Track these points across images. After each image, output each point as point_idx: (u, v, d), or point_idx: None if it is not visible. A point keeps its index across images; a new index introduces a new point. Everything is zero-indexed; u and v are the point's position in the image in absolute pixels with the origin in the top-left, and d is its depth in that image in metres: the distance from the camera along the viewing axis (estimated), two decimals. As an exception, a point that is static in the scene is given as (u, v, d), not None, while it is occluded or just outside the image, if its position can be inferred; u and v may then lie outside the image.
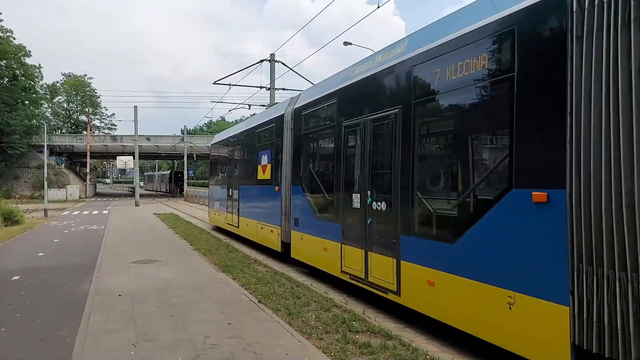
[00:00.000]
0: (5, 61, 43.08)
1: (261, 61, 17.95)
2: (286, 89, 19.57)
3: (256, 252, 11.37)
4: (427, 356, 4.46)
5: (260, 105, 21.80)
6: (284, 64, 18.24)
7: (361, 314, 5.89)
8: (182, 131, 57.58)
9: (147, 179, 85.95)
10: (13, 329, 5.42)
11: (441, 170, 5.34)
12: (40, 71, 50.07)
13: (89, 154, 48.84)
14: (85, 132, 52.17)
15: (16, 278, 8.20)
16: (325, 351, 4.56)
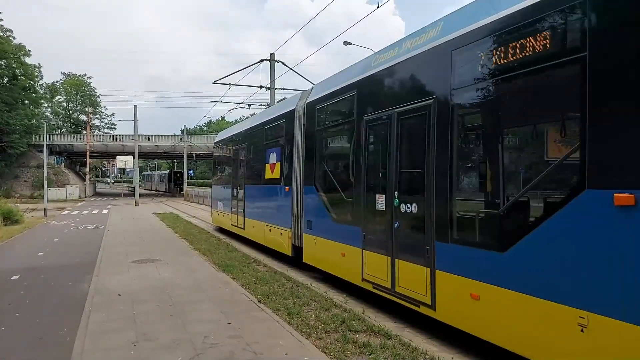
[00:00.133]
0: (5, 60, 43.00)
1: (261, 61, 17.96)
2: (286, 88, 19.64)
3: (256, 251, 11.37)
4: (427, 355, 4.46)
5: (260, 105, 21.85)
6: (284, 64, 18.26)
7: (361, 313, 5.90)
8: (182, 131, 57.49)
9: (146, 178, 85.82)
10: (13, 329, 5.43)
11: (488, 168, 4.64)
12: (40, 71, 50.05)
13: (88, 153, 48.82)
14: (85, 132, 52.13)
15: (16, 277, 8.21)
16: (325, 351, 4.57)
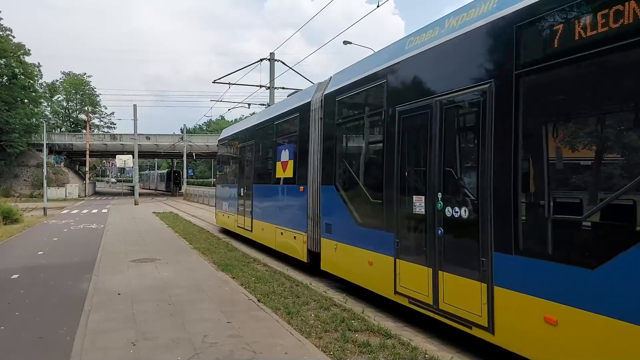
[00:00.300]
0: (4, 60, 43.05)
1: (261, 60, 17.96)
2: (286, 87, 19.62)
3: (256, 251, 11.37)
4: (426, 355, 4.47)
5: (260, 104, 21.81)
6: (284, 63, 18.28)
7: (360, 312, 5.90)
8: (182, 130, 57.51)
9: (145, 178, 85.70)
10: (12, 328, 5.42)
11: (569, 164, 3.97)
12: (40, 70, 50.17)
13: (88, 152, 48.84)
14: (85, 131, 52.16)
15: (15, 277, 8.20)
16: (325, 350, 4.57)
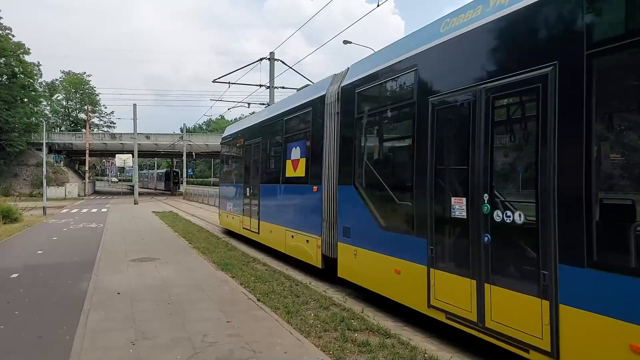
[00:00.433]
0: (4, 59, 43.05)
1: (260, 59, 17.98)
2: (285, 87, 19.70)
3: (255, 250, 11.38)
4: (426, 354, 4.48)
5: (260, 103, 21.84)
6: (284, 63, 18.31)
7: (360, 312, 5.91)
8: (181, 129, 57.58)
9: (144, 177, 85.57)
10: (12, 327, 5.42)
11: None
12: (40, 69, 50.22)
13: (88, 152, 48.83)
14: (84, 130, 52.14)
15: (15, 276, 8.20)
16: (324, 349, 4.58)
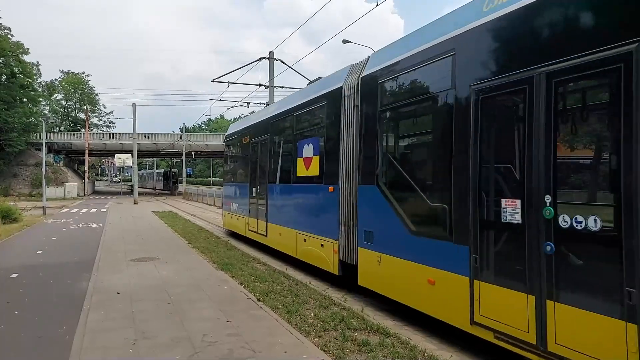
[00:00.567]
0: (3, 59, 42.99)
1: (260, 59, 17.99)
2: (285, 86, 19.69)
3: (255, 250, 11.38)
4: (425, 353, 4.48)
5: (259, 103, 21.81)
6: (283, 62, 18.31)
7: (360, 311, 5.91)
8: (181, 129, 57.47)
9: (143, 177, 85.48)
10: (11, 327, 5.41)
11: None
12: (39, 69, 50.17)
13: (87, 151, 48.75)
14: (84, 130, 52.07)
15: (14, 276, 8.19)
16: (324, 349, 4.58)
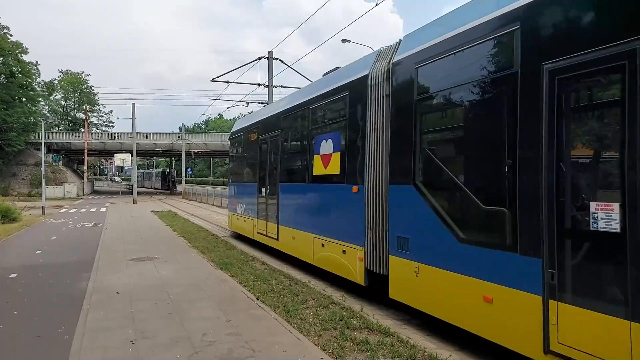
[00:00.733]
0: (2, 58, 42.92)
1: (259, 58, 17.98)
2: (284, 86, 19.69)
3: (254, 249, 11.38)
4: (425, 353, 4.48)
5: (259, 102, 21.79)
6: (282, 62, 18.30)
7: (359, 311, 5.91)
8: (180, 129, 57.44)
9: (143, 176, 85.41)
10: (11, 327, 5.41)
11: None
12: (38, 68, 50.11)
13: (86, 151, 48.71)
14: (83, 130, 52.02)
15: (14, 276, 8.19)
16: (324, 348, 4.58)
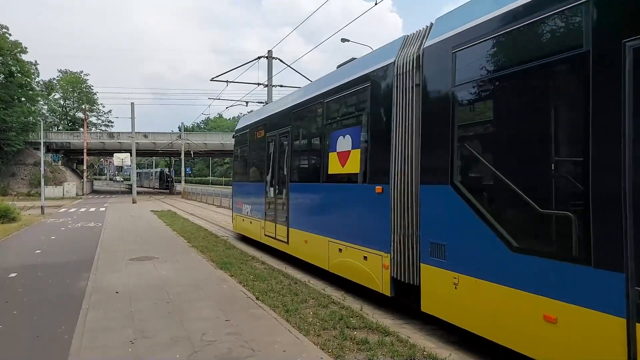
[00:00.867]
0: (1, 58, 42.86)
1: (258, 58, 17.98)
2: (284, 85, 19.71)
3: (253, 249, 11.38)
4: (425, 352, 4.48)
5: (258, 102, 21.78)
6: (282, 61, 18.31)
7: (359, 310, 5.91)
8: (180, 128, 57.42)
9: (142, 176, 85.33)
10: (10, 327, 5.41)
11: None
12: (37, 68, 50.00)
13: (85, 150, 48.65)
14: (82, 129, 51.97)
15: (13, 275, 8.18)
16: (323, 347, 4.58)
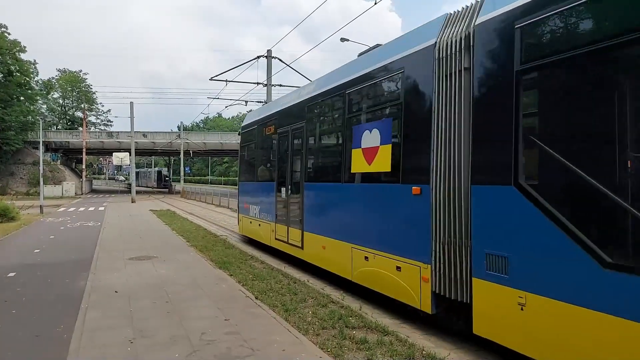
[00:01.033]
0: (-1, 57, 42.84)
1: (258, 57, 17.95)
2: (283, 85, 19.70)
3: (253, 248, 11.38)
4: (424, 351, 4.49)
5: (257, 101, 21.79)
6: (281, 60, 18.28)
7: (358, 310, 5.91)
8: (179, 127, 57.41)
9: (141, 175, 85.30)
10: (9, 326, 5.40)
11: None
12: (36, 67, 49.88)
13: (84, 150, 48.60)
14: (81, 128, 51.91)
15: (12, 275, 8.17)
16: (322, 347, 4.58)
